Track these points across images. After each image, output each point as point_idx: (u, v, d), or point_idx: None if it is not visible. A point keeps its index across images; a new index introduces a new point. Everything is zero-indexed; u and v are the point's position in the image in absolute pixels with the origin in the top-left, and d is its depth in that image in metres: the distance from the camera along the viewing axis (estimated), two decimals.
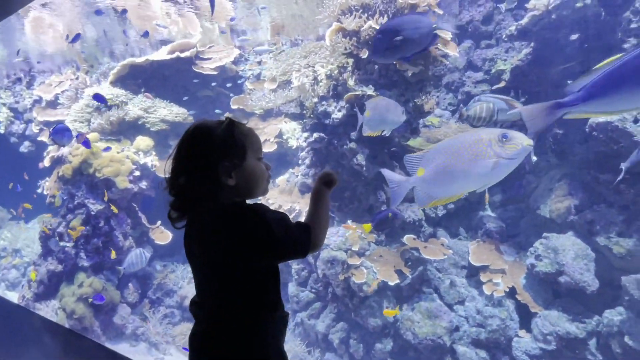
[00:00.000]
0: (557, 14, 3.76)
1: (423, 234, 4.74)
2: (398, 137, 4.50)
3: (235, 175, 0.94)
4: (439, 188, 2.11)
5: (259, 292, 0.94)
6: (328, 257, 4.41)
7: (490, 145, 1.88)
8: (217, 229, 0.90)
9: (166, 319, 5.04)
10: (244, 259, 0.90)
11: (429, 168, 2.09)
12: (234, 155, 0.95)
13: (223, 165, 0.93)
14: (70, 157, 5.17)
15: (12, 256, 7.31)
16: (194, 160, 0.94)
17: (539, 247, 3.68)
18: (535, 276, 3.73)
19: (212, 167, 0.92)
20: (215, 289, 0.96)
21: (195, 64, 5.37)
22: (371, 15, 4.01)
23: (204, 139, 0.94)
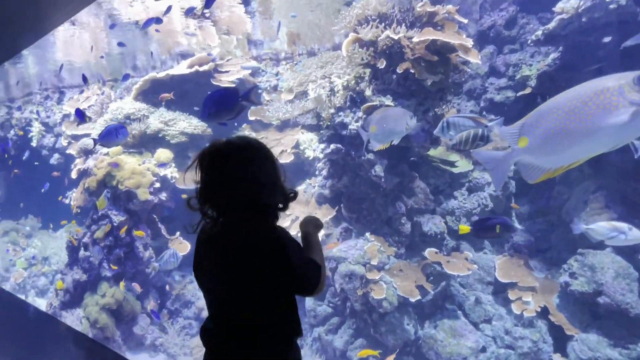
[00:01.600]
0: (588, 17, 3.56)
1: (445, 247, 4.55)
2: (417, 147, 4.37)
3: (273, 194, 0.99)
4: (552, 156, 1.70)
5: (285, 316, 0.98)
6: (346, 271, 4.30)
7: (622, 92, 1.49)
8: (252, 252, 0.93)
9: (184, 330, 5.05)
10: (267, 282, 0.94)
11: (535, 135, 1.71)
12: (277, 175, 1.00)
13: (269, 184, 0.97)
14: (95, 169, 5.34)
15: (41, 264, 7.62)
16: (252, 169, 0.96)
17: (574, 264, 3.43)
18: (570, 295, 3.47)
19: (269, 174, 0.98)
20: (242, 308, 0.95)
21: (214, 77, 5.47)
22: (388, 24, 3.94)
23: (257, 151, 0.98)
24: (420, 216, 4.61)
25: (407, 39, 3.78)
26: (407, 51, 3.77)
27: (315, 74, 5.49)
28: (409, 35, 3.78)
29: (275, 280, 0.93)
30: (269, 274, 0.92)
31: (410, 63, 3.77)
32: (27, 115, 7.89)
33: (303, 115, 5.25)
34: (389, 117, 3.18)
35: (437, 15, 3.77)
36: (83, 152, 5.88)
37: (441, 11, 3.74)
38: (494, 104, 5.04)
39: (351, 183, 4.63)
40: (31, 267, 7.73)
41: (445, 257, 4.40)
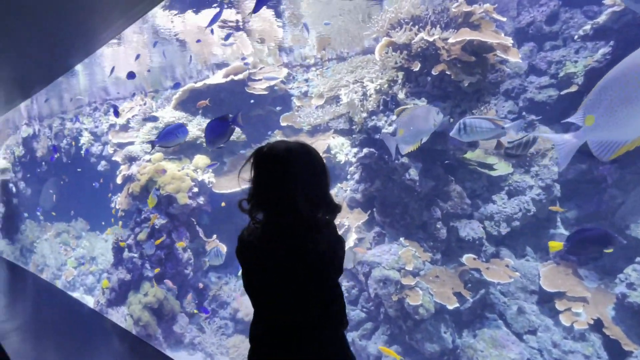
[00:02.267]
0: None
1: (484, 254, 4.38)
2: (453, 149, 4.26)
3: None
4: (625, 128, 1.60)
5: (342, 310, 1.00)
6: (380, 276, 4.25)
7: None
8: (312, 255, 0.94)
9: (220, 330, 5.21)
10: (328, 278, 0.97)
11: (601, 110, 1.64)
12: (329, 183, 1.01)
13: (323, 190, 0.98)
14: (139, 175, 5.69)
15: (89, 263, 8.19)
16: (309, 176, 0.96)
17: (632, 274, 3.18)
18: (627, 308, 3.21)
19: (322, 184, 0.98)
20: (304, 305, 0.96)
21: (248, 85, 5.67)
22: (422, 27, 3.90)
23: (315, 160, 0.98)
24: (457, 221, 4.48)
25: (442, 40, 3.72)
26: (443, 53, 3.70)
27: (346, 78, 5.52)
28: (444, 37, 3.72)
29: (332, 280, 0.97)
30: (326, 275, 0.95)
31: (446, 64, 3.70)
32: (78, 126, 8.57)
33: (334, 120, 5.30)
34: (415, 116, 3.12)
35: (474, 15, 3.68)
36: (127, 159, 6.28)
37: (478, 10, 3.65)
38: (535, 104, 4.82)
39: (384, 187, 4.59)
40: (80, 266, 8.34)
41: (484, 263, 4.23)
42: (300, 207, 0.93)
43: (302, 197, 0.93)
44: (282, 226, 0.96)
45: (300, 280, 0.94)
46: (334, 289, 0.98)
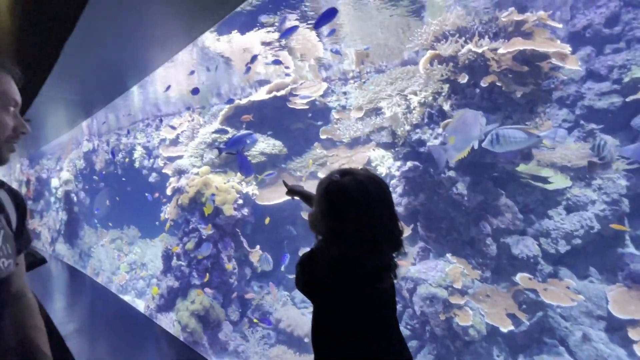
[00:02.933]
0: None
1: (540, 273, 4.09)
2: (504, 162, 4.07)
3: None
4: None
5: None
6: (427, 293, 4.12)
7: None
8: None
9: (263, 339, 5.31)
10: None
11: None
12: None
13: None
14: (187, 187, 6.03)
15: (140, 269, 8.75)
16: (388, 214, 0.91)
17: None
18: None
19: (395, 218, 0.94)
20: (395, 340, 0.94)
21: (289, 101, 5.85)
22: (469, 38, 3.81)
23: (388, 193, 0.94)
24: (508, 237, 4.24)
25: (491, 51, 3.61)
26: (492, 63, 3.59)
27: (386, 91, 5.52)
28: (493, 47, 3.61)
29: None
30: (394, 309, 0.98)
31: (496, 75, 3.58)
32: (132, 141, 9.30)
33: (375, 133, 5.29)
34: (464, 121, 3.06)
35: (526, 23, 3.53)
36: (177, 172, 6.69)
37: (531, 19, 3.50)
38: (594, 111, 4.48)
39: (429, 201, 4.48)
40: (132, 271, 8.93)
41: (541, 283, 3.96)
42: (384, 249, 0.90)
43: (385, 238, 0.89)
44: (365, 267, 0.90)
45: (387, 319, 0.94)
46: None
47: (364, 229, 0.87)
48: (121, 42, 2.83)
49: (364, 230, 0.87)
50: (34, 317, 1.10)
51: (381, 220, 0.88)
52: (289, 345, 5.21)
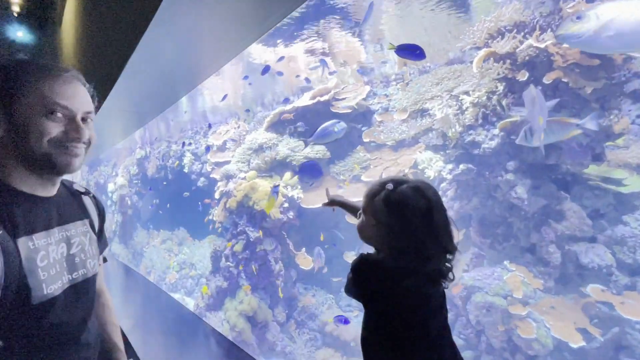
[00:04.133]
0: None
1: (615, 285, 3.73)
2: (571, 164, 3.78)
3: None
4: None
5: None
6: (483, 302, 3.93)
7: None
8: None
9: (310, 341, 5.36)
10: None
11: None
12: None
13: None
14: (235, 191, 6.29)
15: (189, 268, 9.25)
16: (444, 228, 0.93)
17: None
18: None
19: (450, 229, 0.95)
20: (447, 347, 0.96)
21: (332, 105, 5.91)
22: (528, 33, 3.61)
23: (442, 207, 0.95)
24: (575, 244, 3.92)
25: (555, 45, 3.39)
26: (557, 59, 3.37)
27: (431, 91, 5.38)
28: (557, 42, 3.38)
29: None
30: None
31: (562, 71, 3.35)
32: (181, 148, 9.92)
33: (422, 135, 5.16)
34: (533, 98, 2.81)
35: None
36: (225, 177, 7.01)
37: None
38: None
39: (482, 205, 4.28)
40: (182, 271, 9.46)
41: (616, 296, 3.60)
42: (434, 262, 0.90)
43: (438, 250, 0.90)
44: (423, 273, 0.92)
45: (440, 326, 0.95)
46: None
47: (428, 236, 0.89)
48: (176, 56, 3.03)
49: (428, 238, 0.89)
50: (111, 314, 1.19)
51: (442, 225, 0.90)
52: (336, 349, 5.21)
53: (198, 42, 2.87)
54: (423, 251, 0.89)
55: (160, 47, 2.68)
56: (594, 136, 3.43)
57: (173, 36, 2.52)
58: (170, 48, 2.76)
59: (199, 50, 3.09)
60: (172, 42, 2.62)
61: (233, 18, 2.44)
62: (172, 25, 2.31)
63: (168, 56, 2.96)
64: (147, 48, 2.62)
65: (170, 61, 3.13)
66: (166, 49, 2.77)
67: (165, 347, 3.48)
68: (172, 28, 2.37)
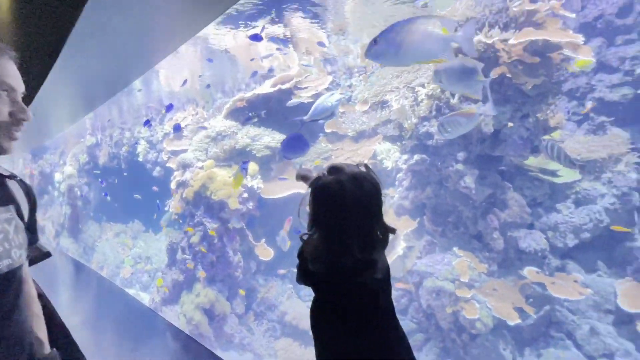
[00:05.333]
0: None
1: (548, 267, 4.07)
2: (513, 155, 4.03)
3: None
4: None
5: None
6: (433, 287, 4.12)
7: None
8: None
9: (268, 332, 5.33)
10: None
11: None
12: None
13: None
14: (192, 181, 6.02)
15: (145, 262, 8.79)
16: (363, 216, 0.91)
17: None
18: None
19: (376, 218, 0.93)
20: (387, 339, 0.96)
21: (294, 94, 5.80)
22: (479, 29, 3.75)
23: (369, 195, 0.92)
24: (516, 231, 4.22)
25: (501, 42, 3.55)
26: (503, 55, 3.53)
27: (392, 84, 5.46)
28: (504, 38, 3.55)
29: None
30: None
31: (506, 67, 3.52)
32: (136, 135, 9.29)
33: (382, 126, 5.24)
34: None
35: (538, 13, 3.47)
36: (181, 166, 6.67)
37: (543, 8, 3.44)
38: (605, 104, 4.43)
39: (435, 194, 4.45)
40: (136, 265, 8.98)
41: (548, 277, 3.94)
42: (354, 252, 0.89)
43: (357, 240, 0.89)
44: (340, 267, 0.92)
45: (375, 317, 0.94)
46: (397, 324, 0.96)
47: (334, 228, 0.89)
48: (125, 33, 2.78)
49: (335, 230, 0.89)
50: (35, 305, 1.11)
51: (355, 221, 0.88)
52: (294, 338, 5.23)
53: (150, 19, 2.66)
54: (344, 240, 0.88)
55: (107, 21, 2.44)
56: (533, 130, 3.66)
57: (121, 9, 2.30)
58: (118, 23, 2.51)
59: (152, 28, 2.86)
60: (121, 15, 2.39)
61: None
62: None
63: (117, 32, 2.71)
64: (91, 21, 2.37)
65: (120, 39, 2.87)
66: (114, 23, 2.52)
67: (117, 344, 3.29)
68: (117, 1, 2.15)
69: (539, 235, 4.10)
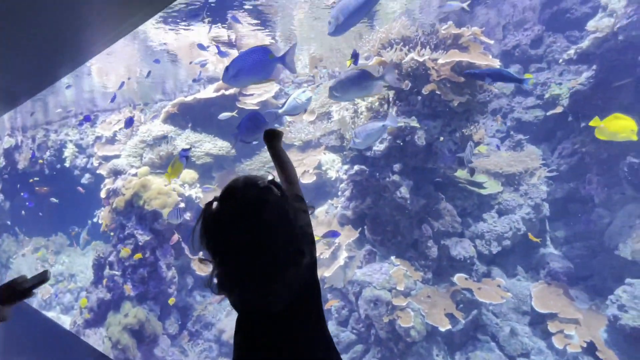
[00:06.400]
0: (625, 35, 3.45)
1: (475, 273, 4.33)
2: (444, 168, 4.27)
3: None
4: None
5: None
6: (371, 296, 4.15)
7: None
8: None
9: (204, 352, 4.97)
10: None
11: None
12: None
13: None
14: (124, 189, 5.51)
15: (68, 281, 7.80)
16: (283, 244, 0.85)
17: (623, 296, 3.16)
18: (620, 331, 3.18)
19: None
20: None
21: (239, 100, 5.64)
22: (412, 47, 3.96)
23: (282, 215, 0.86)
24: (448, 239, 4.44)
25: (432, 60, 3.78)
26: (433, 73, 3.75)
27: None
28: (434, 57, 3.78)
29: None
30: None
31: (436, 84, 3.75)
32: (63, 137, 8.35)
33: (326, 136, 5.28)
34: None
35: (463, 37, 3.76)
36: (112, 173, 6.10)
37: (467, 33, 3.73)
38: (522, 124, 4.91)
39: (375, 204, 4.54)
40: (58, 284, 7.93)
41: (476, 283, 4.18)
42: (251, 288, 0.82)
43: (254, 278, 0.81)
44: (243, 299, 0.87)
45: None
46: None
47: (228, 264, 0.82)
48: (50, 23, 2.49)
49: (229, 266, 0.82)
50: None
51: (250, 257, 0.79)
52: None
53: (77, 9, 2.39)
54: (240, 277, 0.82)
55: (26, 9, 2.12)
56: (460, 144, 3.91)
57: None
58: (40, 10, 2.20)
59: (80, 19, 2.58)
60: (42, 4, 2.09)
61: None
62: None
63: (37, 25, 2.38)
64: (8, 6, 2.04)
65: (44, 29, 2.54)
66: (35, 11, 2.20)
67: None
68: None
69: (468, 244, 4.35)
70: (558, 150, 4.41)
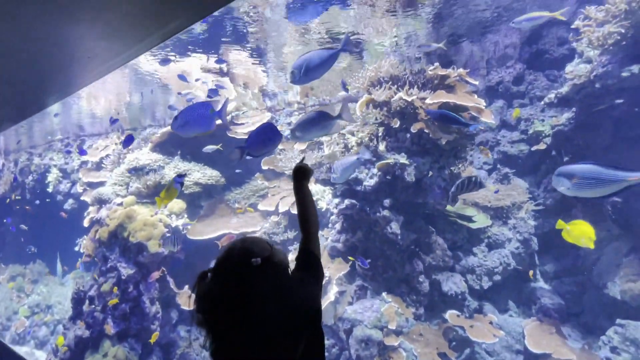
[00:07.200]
0: (602, 83, 3.62)
1: (467, 309, 4.28)
2: (434, 202, 4.29)
3: None
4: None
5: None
6: (362, 335, 4.03)
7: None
8: None
9: None
10: None
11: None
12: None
13: None
14: (108, 220, 5.34)
15: (44, 313, 7.39)
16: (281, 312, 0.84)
17: (615, 337, 3.15)
18: None
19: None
20: None
21: (230, 129, 5.63)
22: (401, 86, 4.06)
23: (279, 275, 0.88)
24: (439, 274, 4.41)
25: (420, 100, 3.86)
26: (421, 112, 3.83)
27: None
28: (422, 97, 3.87)
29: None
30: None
31: (424, 123, 3.82)
32: (47, 162, 8.14)
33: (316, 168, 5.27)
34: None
35: (449, 78, 3.87)
36: (97, 201, 5.92)
37: (452, 74, 3.85)
38: (508, 157, 5.02)
39: (365, 238, 4.51)
40: (34, 316, 7.50)
41: (468, 320, 4.12)
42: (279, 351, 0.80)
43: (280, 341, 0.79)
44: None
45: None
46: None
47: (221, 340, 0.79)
48: (41, 54, 2.45)
49: (222, 341, 0.79)
50: None
51: (241, 335, 0.78)
52: None
53: (67, 44, 2.35)
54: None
55: (12, 39, 2.08)
56: (449, 180, 3.95)
57: (30, 26, 1.96)
58: (27, 41, 2.15)
59: (70, 53, 2.55)
60: (30, 34, 2.04)
61: (114, 23, 2.03)
62: (27, 14, 1.77)
63: (25, 56, 2.34)
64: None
65: (30, 62, 2.49)
66: (22, 41, 2.15)
67: None
68: (28, 17, 1.83)
69: (459, 278, 4.32)
70: (543, 184, 4.50)
